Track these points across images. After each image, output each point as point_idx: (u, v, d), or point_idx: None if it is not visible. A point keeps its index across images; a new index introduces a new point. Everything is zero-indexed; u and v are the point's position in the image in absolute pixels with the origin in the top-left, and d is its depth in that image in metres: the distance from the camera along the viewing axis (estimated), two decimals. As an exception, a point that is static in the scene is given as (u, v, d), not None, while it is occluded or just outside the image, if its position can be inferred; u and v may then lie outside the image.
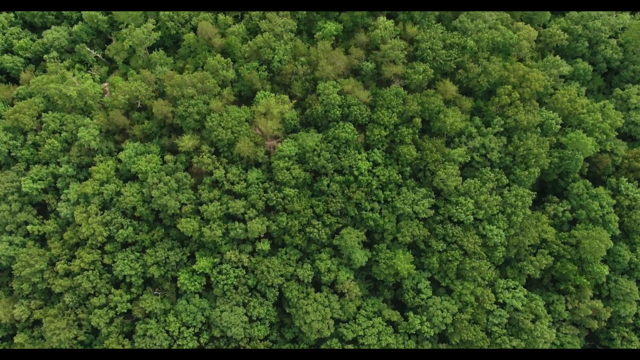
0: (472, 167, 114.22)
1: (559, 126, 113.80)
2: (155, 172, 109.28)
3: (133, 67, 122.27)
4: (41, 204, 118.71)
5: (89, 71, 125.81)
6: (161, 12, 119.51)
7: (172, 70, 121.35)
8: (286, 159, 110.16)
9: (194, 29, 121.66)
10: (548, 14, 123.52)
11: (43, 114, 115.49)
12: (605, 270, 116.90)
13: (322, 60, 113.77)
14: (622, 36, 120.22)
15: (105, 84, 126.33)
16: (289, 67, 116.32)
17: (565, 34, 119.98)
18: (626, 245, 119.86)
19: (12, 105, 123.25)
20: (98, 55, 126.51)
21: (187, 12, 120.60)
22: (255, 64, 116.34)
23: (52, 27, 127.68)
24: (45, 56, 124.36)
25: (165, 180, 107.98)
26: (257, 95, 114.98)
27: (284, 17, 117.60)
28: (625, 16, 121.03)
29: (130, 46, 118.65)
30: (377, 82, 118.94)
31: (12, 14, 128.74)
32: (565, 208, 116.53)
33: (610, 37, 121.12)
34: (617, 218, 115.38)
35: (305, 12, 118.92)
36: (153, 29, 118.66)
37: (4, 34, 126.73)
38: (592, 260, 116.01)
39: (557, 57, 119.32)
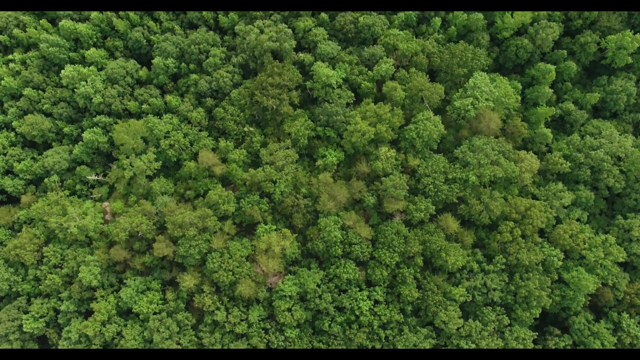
0: (474, 303, 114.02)
1: (560, 262, 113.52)
2: (157, 314, 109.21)
3: (134, 193, 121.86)
4: (42, 337, 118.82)
5: (89, 193, 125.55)
6: (161, 141, 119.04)
7: (172, 194, 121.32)
8: (287, 298, 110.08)
9: (195, 155, 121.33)
10: (550, 136, 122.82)
11: (44, 247, 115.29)
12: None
13: (324, 195, 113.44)
14: (625, 164, 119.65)
15: (106, 204, 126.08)
16: (290, 200, 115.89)
17: (567, 162, 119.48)
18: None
19: (12, 228, 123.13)
20: (99, 176, 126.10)
21: (187, 139, 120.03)
22: (256, 197, 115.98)
23: (53, 145, 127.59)
24: (46, 180, 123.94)
25: (166, 324, 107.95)
26: (258, 230, 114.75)
27: (285, 150, 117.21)
28: (628, 143, 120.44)
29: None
30: (379, 213, 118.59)
31: (12, 133, 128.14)
32: (566, 343, 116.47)
33: (612, 164, 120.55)
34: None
35: (306, 140, 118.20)
36: (154, 159, 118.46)
37: (4, 154, 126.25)
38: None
39: (560, 185, 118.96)
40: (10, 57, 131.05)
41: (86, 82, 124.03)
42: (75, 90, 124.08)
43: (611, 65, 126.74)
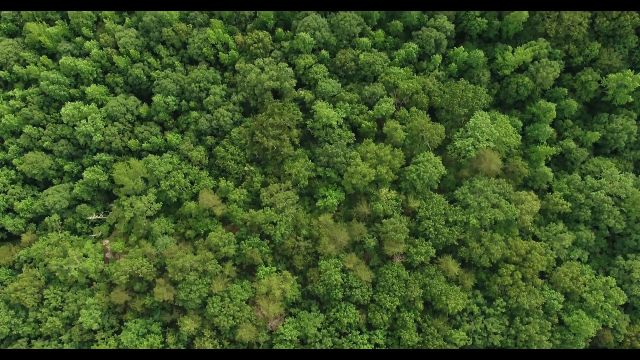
0: (474, 347, 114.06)
1: (561, 305, 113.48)
2: None
3: (134, 233, 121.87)
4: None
5: (90, 231, 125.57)
6: (162, 182, 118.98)
7: (173, 234, 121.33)
8: (288, 342, 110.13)
9: (196, 195, 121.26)
10: (550, 175, 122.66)
11: (44, 290, 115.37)
12: None
13: (324, 237, 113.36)
14: (625, 205, 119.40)
15: (106, 242, 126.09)
16: (290, 241, 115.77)
17: (568, 202, 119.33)
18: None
19: (13, 267, 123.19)
20: (99, 215, 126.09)
21: (187, 180, 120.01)
22: (256, 239, 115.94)
23: (54, 181, 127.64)
24: (47, 219, 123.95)
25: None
26: (258, 272, 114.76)
27: (285, 191, 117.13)
28: (628, 182, 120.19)
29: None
30: (380, 254, 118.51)
31: (12, 171, 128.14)
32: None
33: (613, 204, 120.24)
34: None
35: (307, 181, 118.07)
36: (155, 200, 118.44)
37: (5, 192, 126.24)
38: None
39: (560, 225, 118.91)
40: (10, 93, 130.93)
41: (86, 120, 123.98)
42: (76, 127, 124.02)
43: (612, 102, 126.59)
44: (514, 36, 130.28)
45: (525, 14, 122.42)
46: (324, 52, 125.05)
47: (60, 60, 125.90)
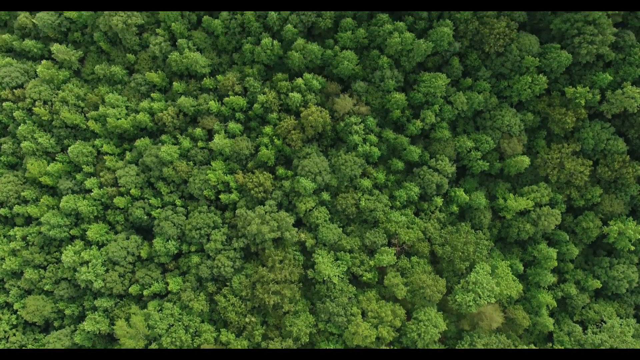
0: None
1: None
2: None
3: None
4: None
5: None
6: (163, 338, 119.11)
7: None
8: None
9: (198, 347, 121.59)
10: (551, 327, 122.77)
11: None
12: None
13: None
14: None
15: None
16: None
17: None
18: None
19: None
20: None
21: (189, 334, 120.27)
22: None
23: (55, 323, 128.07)
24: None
25: None
26: None
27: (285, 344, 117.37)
28: (629, 335, 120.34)
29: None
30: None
31: (13, 316, 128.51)
32: None
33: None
34: None
35: (308, 337, 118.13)
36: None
37: (7, 339, 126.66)
38: None
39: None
40: (11, 232, 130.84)
41: (87, 265, 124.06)
42: (77, 273, 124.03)
43: (613, 246, 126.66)
44: (515, 175, 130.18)
45: (527, 161, 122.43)
46: (325, 195, 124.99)
47: (61, 204, 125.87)
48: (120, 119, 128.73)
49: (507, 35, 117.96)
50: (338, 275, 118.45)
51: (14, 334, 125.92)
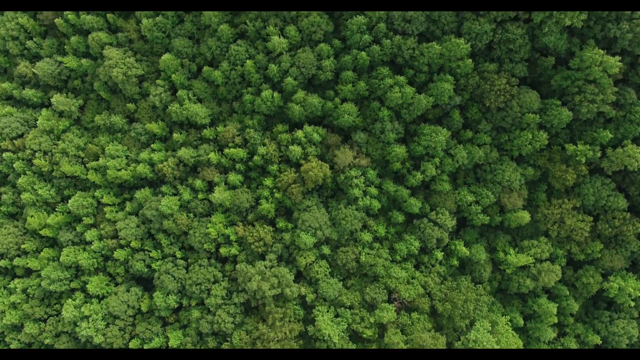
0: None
1: None
2: None
3: None
4: None
5: None
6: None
7: None
8: None
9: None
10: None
11: None
12: None
13: None
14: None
15: None
16: None
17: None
18: None
19: None
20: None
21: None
22: None
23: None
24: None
25: None
26: None
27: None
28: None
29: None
30: None
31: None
32: None
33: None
34: None
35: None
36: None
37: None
38: None
39: None
40: (11, 285, 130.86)
41: (87, 320, 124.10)
42: (77, 327, 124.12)
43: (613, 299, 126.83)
44: (516, 227, 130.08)
45: (527, 217, 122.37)
46: (325, 249, 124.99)
47: (61, 258, 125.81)
48: (121, 169, 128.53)
49: (507, 92, 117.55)
50: (339, 334, 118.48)
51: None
